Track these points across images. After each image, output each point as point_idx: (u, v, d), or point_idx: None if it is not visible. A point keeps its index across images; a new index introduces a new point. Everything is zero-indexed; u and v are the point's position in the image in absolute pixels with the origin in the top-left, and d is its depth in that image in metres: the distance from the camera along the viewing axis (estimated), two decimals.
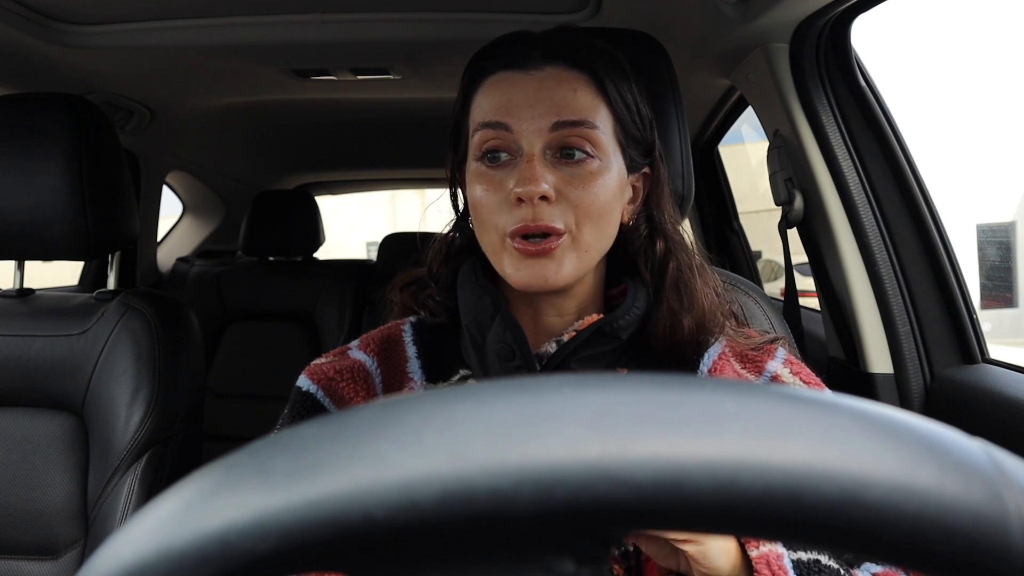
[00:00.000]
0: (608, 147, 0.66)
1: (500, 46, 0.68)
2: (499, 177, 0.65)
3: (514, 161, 0.65)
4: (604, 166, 0.65)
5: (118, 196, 1.24)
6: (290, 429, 0.22)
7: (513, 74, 0.66)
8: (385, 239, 2.81)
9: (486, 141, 0.65)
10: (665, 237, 0.70)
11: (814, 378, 0.71)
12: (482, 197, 0.66)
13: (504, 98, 0.65)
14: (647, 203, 0.71)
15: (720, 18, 1.28)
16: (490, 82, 0.67)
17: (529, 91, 0.65)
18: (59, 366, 1.16)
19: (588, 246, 0.65)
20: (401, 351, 0.73)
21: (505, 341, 0.66)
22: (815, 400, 0.21)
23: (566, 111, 0.64)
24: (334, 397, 0.70)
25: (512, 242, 0.64)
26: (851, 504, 0.19)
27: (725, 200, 2.32)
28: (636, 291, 0.69)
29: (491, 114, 0.65)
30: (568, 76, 0.65)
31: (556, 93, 0.64)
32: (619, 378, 0.22)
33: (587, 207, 0.64)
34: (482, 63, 0.68)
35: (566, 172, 0.64)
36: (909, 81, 6.92)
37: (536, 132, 0.64)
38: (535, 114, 0.64)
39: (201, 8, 1.46)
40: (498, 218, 0.65)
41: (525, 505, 0.19)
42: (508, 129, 0.64)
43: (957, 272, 1.21)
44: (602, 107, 0.66)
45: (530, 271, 0.64)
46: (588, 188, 0.64)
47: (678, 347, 0.68)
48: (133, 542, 0.20)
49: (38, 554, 1.13)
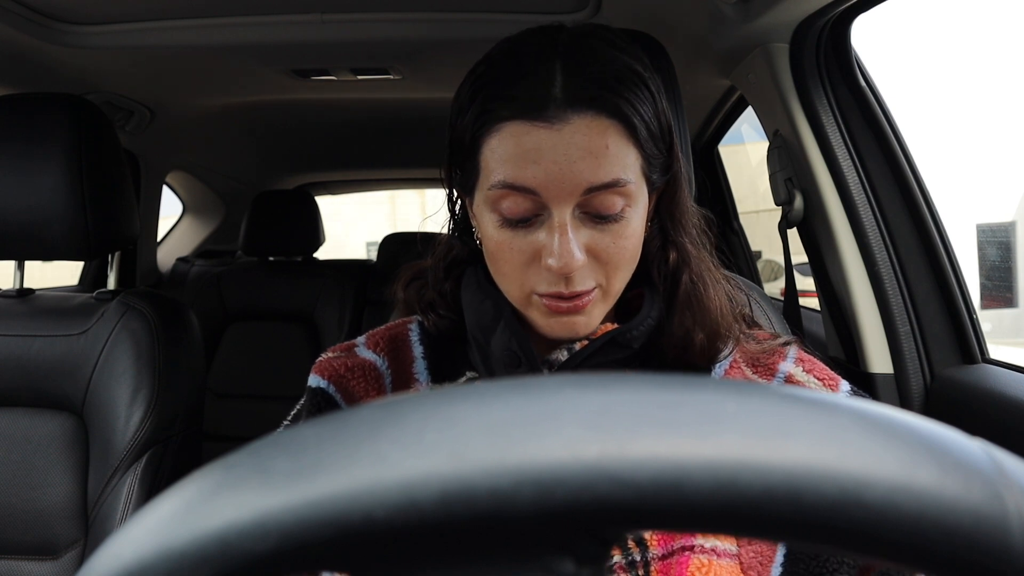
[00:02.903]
0: (636, 192, 0.61)
1: (511, 86, 0.59)
2: (523, 234, 0.61)
3: (540, 218, 0.60)
4: (632, 213, 0.61)
5: (118, 196, 1.24)
6: (290, 429, 0.22)
7: (536, 128, 0.57)
8: (385, 239, 2.81)
9: (505, 199, 0.59)
10: (678, 248, 0.67)
11: (828, 372, 0.68)
12: (505, 254, 0.62)
13: (529, 159, 0.58)
14: (658, 212, 0.68)
15: (720, 18, 1.28)
16: (508, 132, 0.59)
17: (559, 154, 0.57)
18: (59, 366, 1.16)
19: (617, 292, 0.64)
20: (407, 351, 0.72)
21: (511, 348, 0.64)
22: (815, 400, 0.21)
23: (599, 174, 0.58)
24: (345, 394, 0.69)
25: (541, 299, 0.62)
26: (851, 504, 0.19)
27: (725, 200, 2.33)
28: (652, 301, 0.67)
29: (514, 175, 0.58)
30: (597, 127, 0.58)
31: (588, 155, 0.57)
32: (619, 378, 0.22)
33: (618, 262, 0.61)
34: (492, 105, 0.59)
35: (597, 229, 0.60)
36: (909, 81, 6.92)
37: (567, 199, 0.58)
38: (566, 181, 0.57)
39: (201, 8, 1.46)
40: (523, 276, 0.62)
41: (525, 505, 0.19)
42: (535, 193, 0.58)
43: (957, 272, 1.21)
44: (631, 152, 0.60)
45: (561, 325, 0.62)
46: (619, 243, 0.61)
47: (689, 359, 0.66)
48: (133, 542, 0.20)
49: (38, 554, 1.13)
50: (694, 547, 0.60)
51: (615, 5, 1.36)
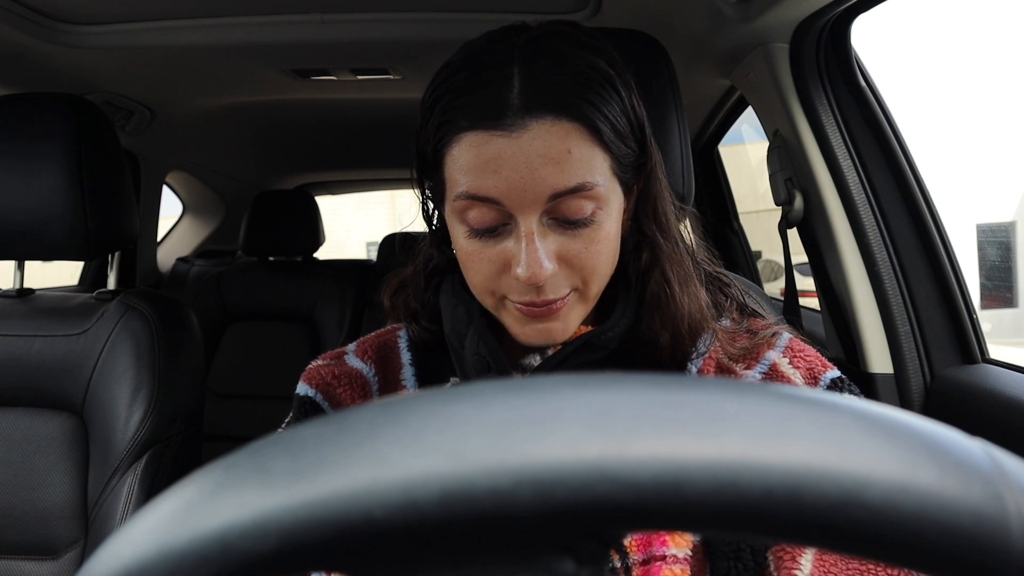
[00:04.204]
0: (607, 193, 0.59)
1: (466, 91, 0.58)
2: (492, 244, 0.60)
3: (508, 227, 0.59)
4: (604, 215, 0.60)
5: (118, 196, 1.24)
6: (290, 429, 0.22)
7: (493, 137, 0.56)
8: (385, 239, 2.81)
9: (471, 209, 0.59)
10: (653, 247, 0.65)
11: (820, 361, 0.67)
12: (475, 264, 0.61)
13: (489, 169, 0.56)
14: (636, 213, 0.67)
15: (720, 18, 1.28)
16: (466, 143, 0.57)
17: (518, 162, 0.56)
18: (59, 366, 1.16)
19: (596, 295, 0.63)
20: (396, 358, 0.73)
21: (480, 353, 0.63)
22: (815, 400, 0.21)
23: (562, 179, 0.56)
24: (332, 402, 0.70)
25: (514, 305, 0.61)
26: (851, 504, 0.19)
27: (725, 200, 2.33)
28: (626, 302, 0.66)
29: (476, 186, 0.57)
30: (557, 132, 0.56)
31: (548, 162, 0.56)
32: (619, 378, 0.22)
33: (592, 266, 0.60)
34: (449, 116, 0.58)
35: (568, 235, 0.59)
36: (909, 81, 6.92)
37: (532, 207, 0.57)
38: (527, 189, 0.56)
39: (201, 8, 1.46)
40: (495, 284, 0.61)
41: (525, 505, 0.19)
42: (499, 204, 0.57)
43: (957, 272, 1.21)
44: (598, 154, 0.58)
45: (537, 332, 0.61)
46: (591, 247, 0.59)
47: (656, 359, 0.65)
48: (133, 542, 0.20)
49: (38, 554, 1.13)
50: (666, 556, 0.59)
51: (615, 5, 1.36)
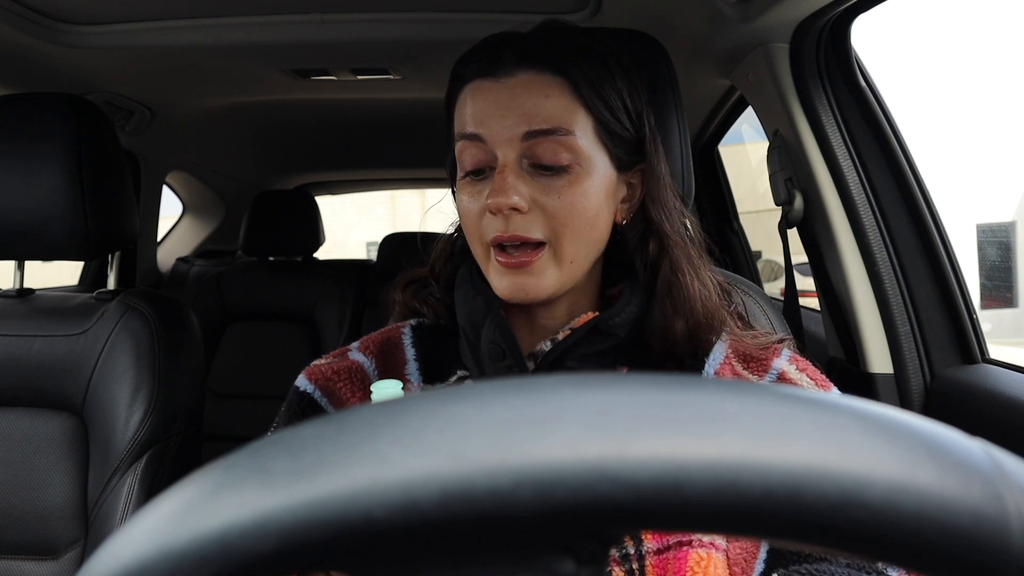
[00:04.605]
0: (588, 151, 0.64)
1: (475, 52, 0.67)
2: (479, 188, 0.65)
3: (494, 170, 0.64)
4: (583, 172, 0.63)
5: (118, 196, 1.24)
6: (290, 429, 0.22)
7: (485, 83, 0.64)
8: (385, 239, 2.81)
9: (464, 152, 0.65)
10: (660, 236, 0.68)
11: (820, 376, 0.69)
12: (465, 208, 0.67)
13: (477, 108, 0.64)
14: (643, 201, 0.69)
15: (720, 18, 1.28)
16: (467, 91, 0.66)
17: (500, 100, 0.63)
18: (59, 366, 1.16)
19: (572, 257, 0.64)
20: (400, 353, 0.73)
21: (495, 341, 0.66)
22: (815, 400, 0.21)
23: (537, 119, 0.62)
24: (331, 397, 0.70)
25: (494, 253, 0.64)
26: (852, 504, 0.19)
27: (725, 200, 2.32)
28: (632, 289, 0.68)
29: (467, 125, 0.65)
30: (540, 81, 0.63)
31: (527, 101, 0.63)
32: (619, 378, 0.22)
33: (565, 218, 0.63)
34: (459, 71, 0.67)
35: (542, 182, 0.63)
36: (909, 81, 6.92)
37: (508, 142, 0.63)
38: (506, 124, 0.63)
39: (201, 8, 1.46)
40: (479, 228, 0.65)
41: (525, 505, 0.19)
42: (483, 140, 0.64)
43: (957, 272, 1.21)
44: (579, 111, 0.64)
45: (512, 283, 0.64)
46: (565, 198, 0.63)
47: (672, 350, 0.67)
48: (133, 542, 0.20)
49: (38, 554, 1.13)
50: (692, 541, 0.60)
51: (615, 5, 1.35)
